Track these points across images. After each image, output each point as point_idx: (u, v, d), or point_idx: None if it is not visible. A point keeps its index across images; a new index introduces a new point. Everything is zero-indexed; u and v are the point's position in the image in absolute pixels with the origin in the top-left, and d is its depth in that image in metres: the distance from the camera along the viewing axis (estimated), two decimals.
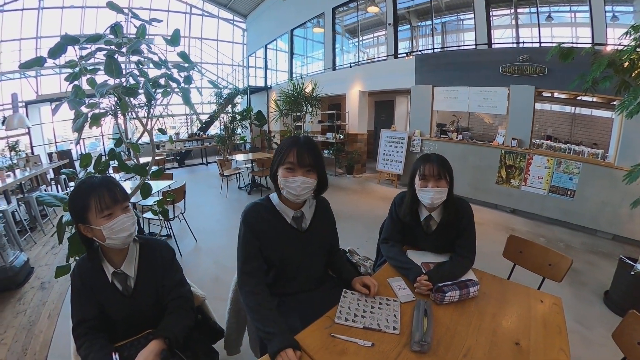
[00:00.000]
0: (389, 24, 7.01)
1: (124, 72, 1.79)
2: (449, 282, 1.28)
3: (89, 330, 1.13)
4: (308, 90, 7.38)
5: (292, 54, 10.63)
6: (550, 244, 3.75)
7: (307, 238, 1.33)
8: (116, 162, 1.86)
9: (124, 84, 1.82)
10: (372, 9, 7.66)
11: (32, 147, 8.95)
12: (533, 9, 5.38)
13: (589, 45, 3.92)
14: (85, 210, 1.08)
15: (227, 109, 8.77)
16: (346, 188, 6.57)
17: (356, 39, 8.83)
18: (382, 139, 6.76)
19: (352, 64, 8.08)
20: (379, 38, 8.65)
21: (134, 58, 1.97)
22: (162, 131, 2.26)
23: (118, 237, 1.10)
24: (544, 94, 5.21)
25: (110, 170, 3.21)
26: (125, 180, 4.26)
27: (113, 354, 1.05)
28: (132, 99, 1.97)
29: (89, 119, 1.82)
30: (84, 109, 1.87)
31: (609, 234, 3.98)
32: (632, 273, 2.40)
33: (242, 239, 1.26)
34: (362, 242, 3.62)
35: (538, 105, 6.57)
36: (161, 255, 1.28)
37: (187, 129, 12.10)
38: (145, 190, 1.92)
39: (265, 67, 12.15)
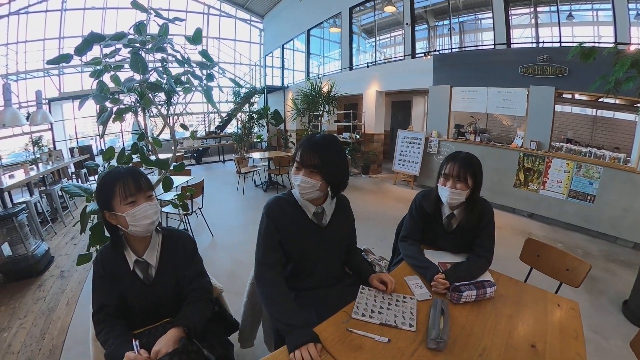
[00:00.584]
0: (407, 24, 6.96)
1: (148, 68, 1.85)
2: (466, 282, 1.29)
3: (108, 316, 1.16)
4: (325, 89, 7.41)
5: (308, 53, 10.68)
6: (568, 250, 3.63)
7: (326, 234, 1.35)
8: (139, 155, 1.93)
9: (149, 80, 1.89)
10: (389, 9, 7.61)
11: (54, 142, 9.27)
12: (553, 8, 5.24)
13: (612, 45, 3.81)
14: (110, 197, 1.12)
15: (244, 108, 8.90)
16: (362, 188, 6.57)
17: (373, 39, 8.80)
18: (399, 140, 6.71)
19: (369, 64, 8.06)
20: (395, 38, 8.59)
21: (158, 56, 2.04)
22: (184, 127, 2.33)
23: (140, 224, 1.13)
24: (564, 96, 5.08)
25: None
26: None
27: (133, 341, 1.07)
28: (155, 95, 2.04)
29: (114, 113, 1.90)
30: (108, 104, 1.96)
31: (630, 242, 3.84)
32: None
33: (264, 232, 1.28)
34: (377, 242, 3.63)
35: (558, 107, 6.41)
36: (183, 246, 1.30)
37: (205, 127, 12.32)
38: (167, 184, 1.99)
39: (282, 67, 12.24)
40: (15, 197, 4.68)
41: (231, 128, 11.32)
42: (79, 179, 6.60)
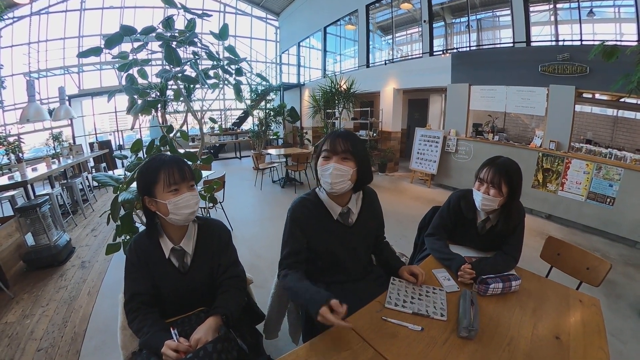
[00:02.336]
0: (424, 21, 6.93)
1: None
2: (492, 275, 1.33)
3: (141, 305, 1.15)
4: (344, 86, 7.45)
5: (325, 51, 10.70)
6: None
7: (353, 232, 1.36)
8: (168, 147, 2.02)
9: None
10: (406, 6, 7.59)
11: (74, 137, 9.59)
12: (574, 5, 5.13)
13: (635, 43, 3.72)
14: (154, 183, 1.13)
15: (261, 105, 9.01)
16: (378, 186, 6.57)
17: (389, 36, 8.77)
18: (417, 138, 6.70)
19: (386, 62, 8.08)
20: (412, 35, 8.55)
21: (189, 49, 2.10)
22: (213, 120, 2.40)
23: (181, 213, 1.14)
24: (584, 95, 4.99)
25: None
26: None
27: (172, 329, 1.07)
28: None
29: (146, 105, 1.98)
30: (137, 98, 2.04)
31: None
32: None
33: (288, 234, 1.30)
34: (396, 240, 3.66)
35: (577, 107, 6.31)
36: (219, 235, 1.31)
37: (222, 123, 12.50)
38: (197, 176, 2.06)
39: (298, 65, 12.31)
40: (37, 189, 4.84)
41: (247, 125, 11.47)
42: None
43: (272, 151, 6.84)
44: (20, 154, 5.82)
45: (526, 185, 4.85)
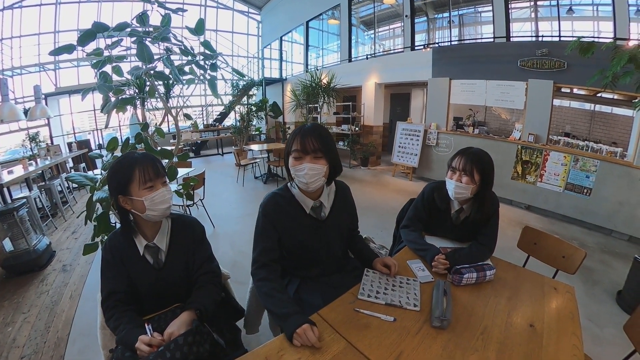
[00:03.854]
0: (406, 16, 6.95)
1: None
2: (467, 265, 1.33)
3: (118, 302, 1.16)
4: (325, 81, 7.41)
5: (307, 45, 10.63)
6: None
7: (326, 226, 1.35)
8: (143, 145, 1.95)
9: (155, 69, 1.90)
10: (388, 1, 7.59)
11: (51, 137, 9.29)
12: (553, 2, 5.27)
13: (611, 40, 3.83)
14: (128, 181, 1.12)
15: (242, 100, 8.88)
16: (361, 180, 6.59)
17: (372, 31, 8.77)
18: (398, 132, 6.74)
19: (368, 56, 8.07)
20: (395, 30, 8.57)
21: (162, 46, 2.04)
22: (188, 117, 2.35)
23: (158, 209, 1.15)
24: (562, 90, 5.12)
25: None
26: None
27: (146, 325, 1.09)
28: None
29: (119, 103, 1.92)
30: (111, 95, 1.97)
31: (625, 234, 3.90)
32: None
33: (260, 230, 1.28)
34: (377, 232, 3.67)
35: (557, 102, 6.45)
36: (192, 231, 1.32)
37: (203, 119, 12.27)
38: (171, 173, 2.01)
39: (280, 59, 12.17)
40: (15, 192, 4.66)
41: (229, 121, 11.32)
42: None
43: (255, 147, 6.77)
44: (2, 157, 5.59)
45: (506, 177, 4.96)
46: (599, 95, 5.43)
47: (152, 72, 1.86)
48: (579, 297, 2.60)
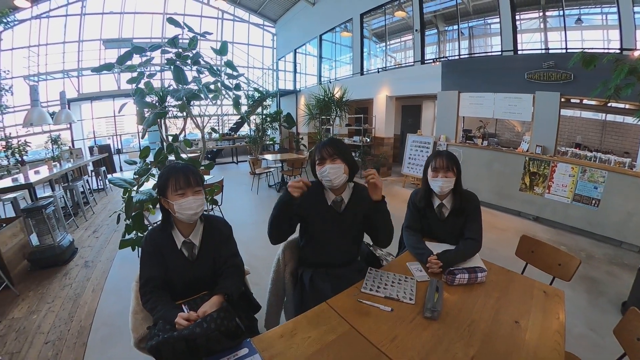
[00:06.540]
0: (416, 30, 7.12)
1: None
2: (459, 267, 1.48)
3: (155, 288, 1.34)
4: (338, 95, 7.62)
5: (320, 58, 10.89)
6: (571, 253, 3.73)
7: (342, 218, 1.62)
8: (173, 155, 2.19)
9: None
10: (400, 14, 7.79)
11: (72, 141, 9.75)
12: (561, 13, 5.30)
13: (616, 51, 3.84)
14: (165, 186, 1.36)
15: (257, 111, 9.17)
16: None
17: (383, 44, 8.95)
18: (408, 143, 6.87)
19: (379, 69, 8.26)
20: (406, 42, 8.74)
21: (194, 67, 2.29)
22: (214, 130, 2.59)
23: (185, 213, 1.35)
24: (572, 101, 5.14)
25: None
26: None
27: (183, 305, 1.27)
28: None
29: (157, 117, 2.16)
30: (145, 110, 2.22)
31: (636, 246, 3.85)
32: None
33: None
34: None
35: (569, 112, 6.47)
36: (220, 230, 1.53)
37: (220, 128, 12.65)
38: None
39: (295, 71, 12.45)
40: (38, 192, 4.97)
41: (244, 130, 11.65)
42: (98, 176, 6.99)
43: (269, 156, 6.99)
44: (25, 156, 5.96)
45: (514, 189, 5.02)
46: (609, 104, 5.41)
47: (189, 93, 2.10)
48: (582, 308, 2.67)
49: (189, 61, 2.16)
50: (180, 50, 2.28)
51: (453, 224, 1.85)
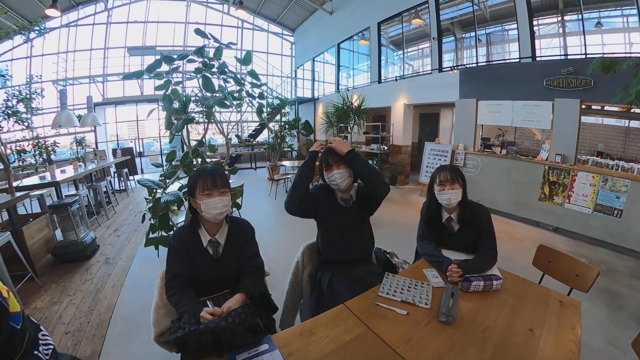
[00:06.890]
0: (433, 38, 7.14)
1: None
2: (476, 275, 1.51)
3: (180, 284, 1.39)
4: (356, 103, 7.70)
5: (338, 66, 11.01)
6: (592, 265, 3.65)
7: (351, 212, 1.86)
8: (199, 159, 2.32)
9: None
10: (417, 22, 7.84)
11: (96, 143, 10.23)
12: (580, 16, 5.16)
13: (634, 55, 3.71)
14: (194, 187, 1.46)
15: (276, 118, 9.36)
16: (388, 198, 6.53)
17: (401, 51, 9.00)
18: (426, 152, 6.83)
19: (397, 78, 8.32)
20: (423, 50, 8.75)
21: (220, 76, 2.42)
22: (239, 137, 2.74)
23: (210, 213, 1.43)
24: (593, 107, 5.02)
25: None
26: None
27: (207, 301, 1.34)
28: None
29: (185, 123, 2.29)
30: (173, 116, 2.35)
31: None
32: None
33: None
34: (402, 249, 3.70)
35: (590, 119, 6.30)
36: (244, 232, 1.61)
37: (239, 133, 12.94)
38: None
39: (313, 79, 12.63)
40: (63, 190, 5.20)
41: (263, 137, 11.89)
42: (120, 178, 7.30)
43: (287, 163, 7.12)
44: (53, 156, 6.28)
45: (533, 198, 4.93)
46: (632, 110, 5.26)
47: (217, 101, 2.23)
48: (601, 322, 2.63)
49: (215, 69, 2.28)
50: (206, 59, 2.40)
51: (465, 237, 1.86)
